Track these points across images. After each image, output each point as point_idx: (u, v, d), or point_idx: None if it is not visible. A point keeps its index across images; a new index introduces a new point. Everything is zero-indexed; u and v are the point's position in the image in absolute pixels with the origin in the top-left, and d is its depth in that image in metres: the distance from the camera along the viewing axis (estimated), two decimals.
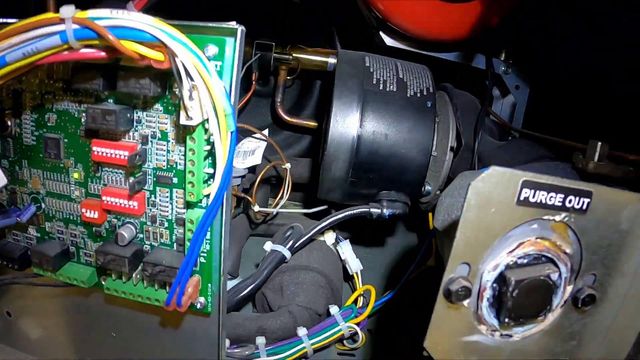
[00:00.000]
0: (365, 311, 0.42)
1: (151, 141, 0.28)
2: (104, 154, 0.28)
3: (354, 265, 0.45)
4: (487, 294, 0.24)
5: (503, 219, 0.22)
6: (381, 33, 0.52)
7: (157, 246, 0.30)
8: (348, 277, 0.48)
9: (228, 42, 0.26)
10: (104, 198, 0.29)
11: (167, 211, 0.29)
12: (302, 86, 0.63)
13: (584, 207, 0.23)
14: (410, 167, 0.44)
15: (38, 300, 0.40)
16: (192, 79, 0.24)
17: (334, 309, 0.42)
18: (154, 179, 0.29)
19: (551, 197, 0.22)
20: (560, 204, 0.22)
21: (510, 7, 0.47)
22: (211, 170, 0.27)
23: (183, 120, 0.25)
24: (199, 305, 0.30)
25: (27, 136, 0.31)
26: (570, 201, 0.23)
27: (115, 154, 0.27)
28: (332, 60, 0.56)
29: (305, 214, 0.48)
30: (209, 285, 0.30)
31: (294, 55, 0.56)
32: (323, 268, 0.44)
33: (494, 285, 0.24)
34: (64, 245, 0.32)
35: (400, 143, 0.44)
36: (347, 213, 0.43)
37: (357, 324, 0.42)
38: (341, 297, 0.45)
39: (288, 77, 0.58)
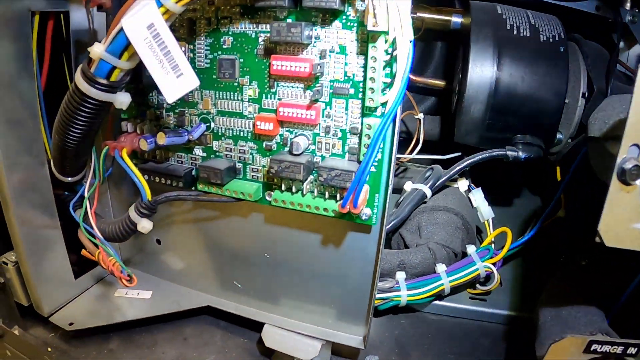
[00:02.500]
0: (501, 252, 0.41)
1: (329, 55, 0.30)
2: (284, 67, 0.30)
3: (486, 212, 0.45)
4: None
5: None
6: None
7: (328, 156, 0.32)
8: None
9: None
10: (280, 109, 0.31)
11: (342, 121, 0.31)
12: (423, 47, 0.63)
13: None
14: (546, 110, 0.44)
15: (187, 229, 0.44)
16: None
17: (471, 249, 0.42)
18: (331, 90, 0.30)
19: None
20: None
21: None
22: (388, 80, 0.28)
23: (370, 27, 0.26)
24: (364, 217, 0.31)
25: (201, 60, 0.34)
26: None
27: (297, 66, 0.29)
28: (456, 19, 0.55)
29: (438, 161, 0.48)
30: (376, 196, 0.31)
31: (417, 14, 0.55)
32: (460, 209, 0.44)
33: None
34: (231, 162, 0.35)
35: (535, 86, 0.43)
36: (484, 155, 0.43)
37: (493, 264, 0.41)
38: (475, 239, 0.45)
39: None
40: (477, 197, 0.46)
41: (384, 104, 0.29)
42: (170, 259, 0.46)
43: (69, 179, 0.41)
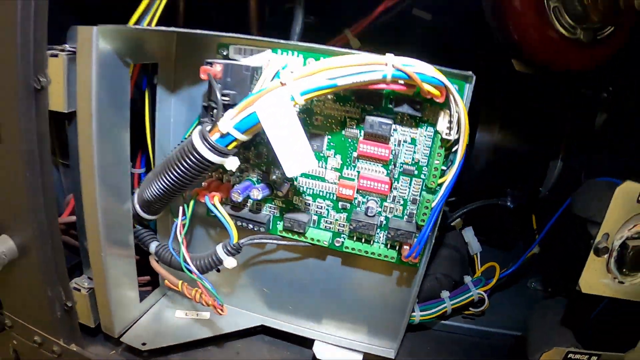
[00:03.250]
0: (491, 282, 0.55)
1: (403, 144, 0.41)
2: (369, 150, 0.40)
3: (475, 247, 0.58)
4: (615, 254, 0.37)
5: (629, 210, 0.36)
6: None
7: (391, 217, 0.42)
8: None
9: (467, 86, 0.38)
10: (361, 181, 0.41)
11: (405, 193, 0.41)
12: None
13: None
14: (533, 170, 0.58)
15: (250, 260, 0.52)
16: (459, 111, 0.36)
17: (467, 278, 0.55)
18: (400, 169, 0.41)
19: None
20: None
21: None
22: (444, 168, 0.40)
23: (445, 136, 0.37)
24: (416, 262, 0.43)
25: None
26: None
27: (380, 151, 0.40)
28: None
29: None
30: (425, 248, 0.42)
31: None
32: (458, 245, 0.57)
33: (619, 249, 0.37)
34: (309, 215, 0.44)
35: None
36: (482, 203, 0.56)
37: (485, 292, 0.55)
38: (469, 269, 0.58)
39: None
40: (468, 234, 0.59)
41: (440, 185, 0.40)
42: (228, 284, 0.54)
43: (150, 217, 0.47)
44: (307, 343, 0.51)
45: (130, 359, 0.49)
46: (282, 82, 0.34)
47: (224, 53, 0.42)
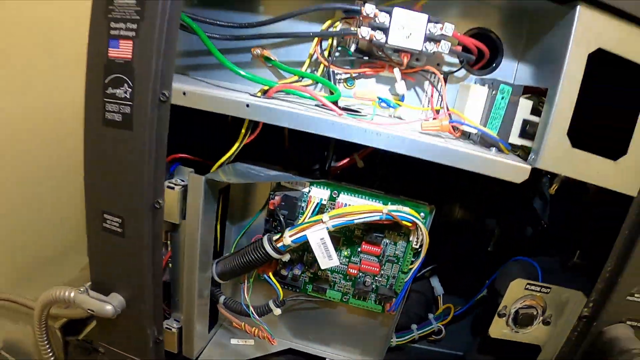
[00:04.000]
0: (447, 318, 0.82)
1: (388, 246, 0.66)
2: (368, 249, 0.65)
3: (439, 290, 0.85)
4: (511, 316, 0.64)
5: (519, 293, 0.63)
6: None
7: (380, 286, 0.68)
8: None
9: (429, 216, 0.64)
10: (363, 265, 0.67)
11: (389, 271, 0.67)
12: None
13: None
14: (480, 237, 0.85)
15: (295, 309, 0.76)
16: (422, 234, 0.62)
17: (430, 315, 0.82)
18: (387, 259, 0.67)
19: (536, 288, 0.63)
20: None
21: None
22: (413, 259, 0.66)
23: (414, 245, 0.63)
24: (394, 312, 0.69)
25: None
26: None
27: (374, 249, 0.65)
28: None
29: None
30: (401, 302, 0.69)
31: None
32: (425, 290, 0.84)
33: (514, 314, 0.64)
34: (327, 283, 0.70)
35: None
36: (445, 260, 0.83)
37: (443, 325, 0.82)
38: (432, 308, 0.85)
39: None
40: (434, 281, 0.86)
41: (410, 269, 0.66)
42: (270, 322, 0.78)
43: (222, 282, 0.71)
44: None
45: None
46: (323, 220, 0.59)
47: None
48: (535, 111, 0.53)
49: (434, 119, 0.59)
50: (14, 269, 1.06)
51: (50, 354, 0.80)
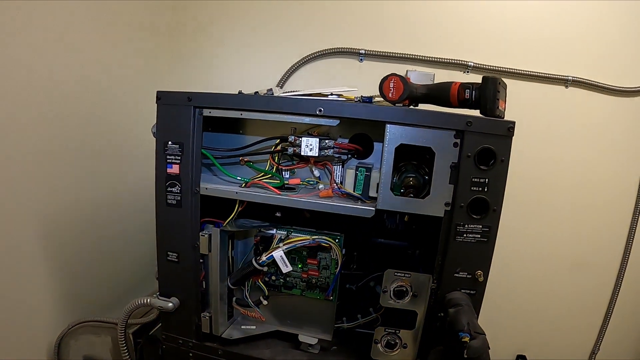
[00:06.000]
0: (381, 310, 1.29)
1: (323, 260, 1.17)
2: (312, 261, 1.17)
3: (379, 291, 1.33)
4: (391, 292, 1.12)
5: (389, 279, 1.12)
6: None
7: (319, 283, 1.18)
8: None
9: (340, 239, 1.15)
10: (309, 271, 1.17)
11: (324, 274, 1.18)
12: None
13: None
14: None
15: (277, 304, 1.27)
16: (336, 251, 1.13)
17: (371, 309, 1.30)
18: (322, 267, 1.17)
19: None
20: None
21: None
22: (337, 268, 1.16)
23: (334, 257, 1.14)
24: (331, 298, 1.18)
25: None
26: None
27: (313, 261, 1.16)
28: None
29: None
30: (334, 293, 1.18)
31: None
32: (370, 294, 1.32)
33: (392, 290, 1.12)
34: (291, 284, 1.21)
35: None
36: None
37: (379, 315, 1.29)
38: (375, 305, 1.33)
39: None
40: (377, 287, 1.34)
41: (335, 271, 1.16)
42: (264, 313, 1.29)
43: (234, 287, 1.23)
44: (295, 337, 1.25)
45: (225, 343, 1.23)
46: (280, 246, 1.12)
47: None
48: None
49: (331, 189, 1.12)
50: (98, 299, 1.61)
51: (126, 351, 1.31)
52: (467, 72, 1.62)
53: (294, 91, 1.21)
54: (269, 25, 1.69)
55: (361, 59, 1.64)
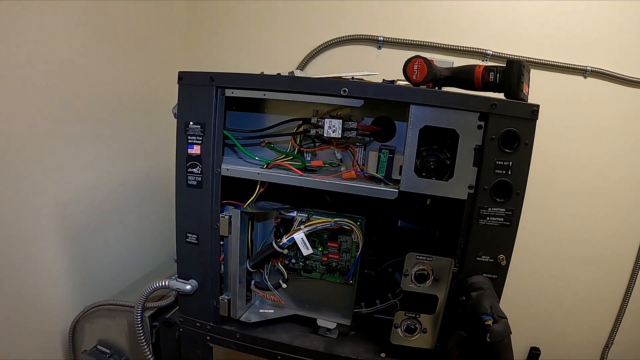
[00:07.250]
0: (400, 295, 1.29)
1: (343, 242, 1.17)
2: (332, 244, 1.16)
3: (398, 278, 1.32)
4: (413, 276, 1.12)
5: (410, 263, 1.11)
6: None
7: (340, 266, 1.18)
8: None
9: (362, 222, 1.14)
10: (330, 255, 1.17)
11: (345, 258, 1.17)
12: None
13: None
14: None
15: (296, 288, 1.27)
16: (357, 234, 1.12)
17: (389, 295, 1.30)
18: (342, 250, 1.17)
19: None
20: None
21: None
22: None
23: (354, 240, 1.14)
24: (351, 282, 1.17)
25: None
26: None
27: (334, 244, 1.16)
28: None
29: None
30: (355, 277, 1.17)
31: None
32: (389, 279, 1.32)
33: (413, 274, 1.12)
34: (311, 267, 1.20)
35: None
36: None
37: (398, 300, 1.29)
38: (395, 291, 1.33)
39: None
40: (396, 273, 1.34)
41: (356, 254, 1.15)
42: (283, 297, 1.28)
43: (254, 271, 1.22)
44: (313, 321, 1.24)
45: (243, 326, 1.23)
46: (301, 228, 1.11)
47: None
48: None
49: (354, 171, 1.11)
50: (114, 283, 1.61)
51: (142, 334, 1.30)
52: (486, 60, 1.62)
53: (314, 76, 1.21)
54: (288, 11, 1.69)
55: (380, 46, 1.64)
